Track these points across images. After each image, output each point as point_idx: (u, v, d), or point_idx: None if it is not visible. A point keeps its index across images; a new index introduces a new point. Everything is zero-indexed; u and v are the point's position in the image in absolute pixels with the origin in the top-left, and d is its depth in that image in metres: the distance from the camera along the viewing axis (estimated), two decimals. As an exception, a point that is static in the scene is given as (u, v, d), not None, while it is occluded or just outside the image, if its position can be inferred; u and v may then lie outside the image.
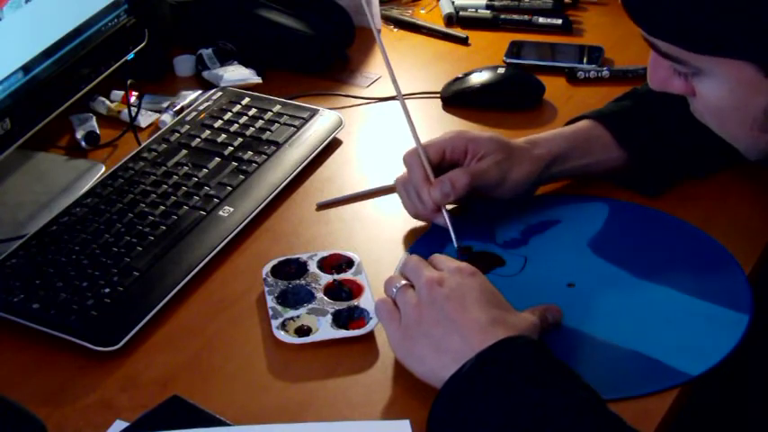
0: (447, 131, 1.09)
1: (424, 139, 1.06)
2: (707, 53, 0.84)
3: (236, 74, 1.37)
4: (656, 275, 1.01)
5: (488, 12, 1.53)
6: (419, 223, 1.10)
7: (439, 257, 0.95)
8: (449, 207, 1.06)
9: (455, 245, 1.03)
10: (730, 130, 0.92)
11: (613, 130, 1.10)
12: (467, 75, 1.33)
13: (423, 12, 1.57)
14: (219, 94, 1.32)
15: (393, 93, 1.33)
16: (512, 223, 1.09)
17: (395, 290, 0.92)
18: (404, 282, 0.92)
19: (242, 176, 1.16)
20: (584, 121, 1.12)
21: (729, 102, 0.87)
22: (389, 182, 1.16)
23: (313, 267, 1.04)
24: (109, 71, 1.23)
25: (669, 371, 0.91)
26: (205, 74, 1.39)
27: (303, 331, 0.96)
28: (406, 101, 1.08)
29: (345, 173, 1.21)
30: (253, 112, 1.28)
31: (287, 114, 1.27)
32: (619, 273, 1.02)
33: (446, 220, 1.05)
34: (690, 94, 0.90)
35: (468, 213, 1.10)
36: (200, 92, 1.36)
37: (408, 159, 1.07)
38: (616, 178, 1.12)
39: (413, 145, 1.06)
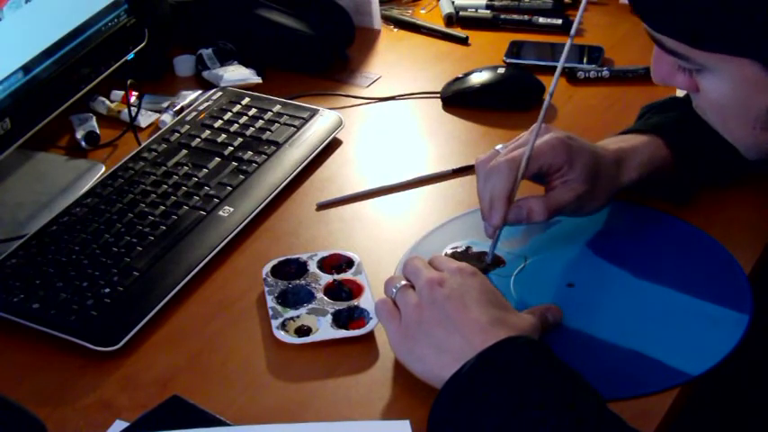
0: (552, 139, 1.00)
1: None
2: (712, 50, 0.83)
3: (236, 74, 1.37)
4: (656, 275, 1.01)
5: (488, 12, 1.53)
6: (419, 223, 1.10)
7: (439, 258, 0.95)
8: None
9: (488, 260, 1.02)
10: (732, 129, 0.92)
11: (678, 159, 1.08)
12: (467, 75, 1.33)
13: (423, 12, 1.57)
14: (219, 94, 1.32)
15: (393, 93, 1.34)
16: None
17: (395, 290, 0.92)
18: (404, 282, 0.92)
19: (242, 176, 1.16)
20: (661, 145, 1.08)
21: (732, 99, 0.87)
22: (389, 182, 1.16)
23: (313, 267, 1.04)
24: (109, 71, 1.23)
25: (669, 371, 0.90)
26: (205, 74, 1.39)
27: (303, 331, 0.96)
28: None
29: (345, 173, 1.21)
30: (253, 112, 1.27)
31: (287, 114, 1.27)
32: (619, 273, 1.02)
33: (496, 237, 1.01)
34: (693, 90, 0.90)
35: (468, 213, 1.10)
36: (200, 92, 1.35)
37: (504, 165, 0.98)
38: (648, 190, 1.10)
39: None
